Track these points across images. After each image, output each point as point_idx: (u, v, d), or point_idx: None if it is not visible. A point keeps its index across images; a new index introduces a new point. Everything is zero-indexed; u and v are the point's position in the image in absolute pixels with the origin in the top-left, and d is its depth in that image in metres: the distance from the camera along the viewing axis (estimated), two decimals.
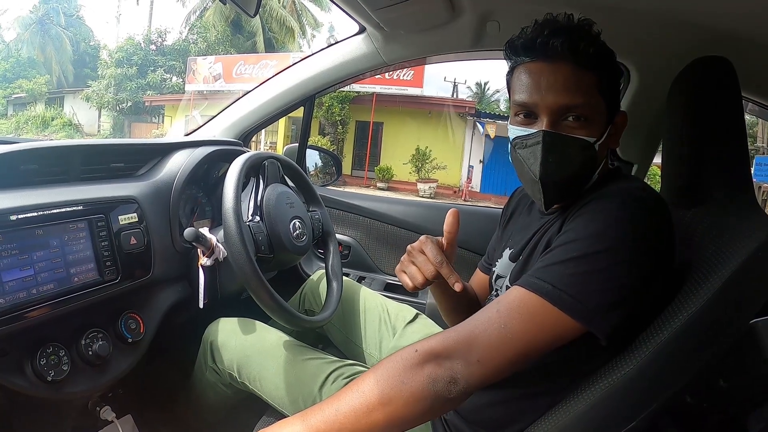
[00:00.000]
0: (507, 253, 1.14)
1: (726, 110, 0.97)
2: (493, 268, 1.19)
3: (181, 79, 25.31)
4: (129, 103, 25.97)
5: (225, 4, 1.09)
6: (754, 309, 0.85)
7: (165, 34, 29.25)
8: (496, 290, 1.15)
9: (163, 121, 25.27)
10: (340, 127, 19.61)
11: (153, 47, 28.46)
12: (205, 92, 20.68)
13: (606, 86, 0.93)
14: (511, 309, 0.82)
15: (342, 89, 15.94)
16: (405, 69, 16.37)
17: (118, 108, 26.32)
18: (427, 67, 16.77)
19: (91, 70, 31.81)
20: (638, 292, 0.81)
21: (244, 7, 1.10)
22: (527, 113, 0.95)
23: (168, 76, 27.21)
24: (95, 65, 31.58)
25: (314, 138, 17.26)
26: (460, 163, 19.01)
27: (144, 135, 24.70)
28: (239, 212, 1.17)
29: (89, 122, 27.69)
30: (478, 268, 1.38)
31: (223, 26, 26.08)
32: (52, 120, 25.95)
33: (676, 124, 1.04)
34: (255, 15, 1.16)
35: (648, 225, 0.83)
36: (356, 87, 17.84)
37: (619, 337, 0.82)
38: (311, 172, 2.14)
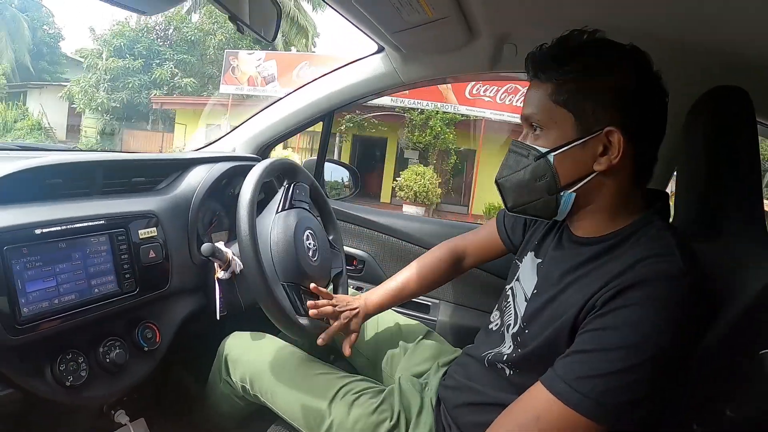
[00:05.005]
0: (532, 260, 1.15)
1: (741, 142, 0.98)
2: (518, 266, 1.21)
3: (194, 79, 21.28)
4: (116, 104, 20.54)
5: (243, 33, 1.10)
6: (760, 347, 0.86)
7: (176, 20, 22.15)
8: (511, 295, 1.17)
9: (173, 130, 20.36)
10: (454, 157, 16.25)
11: (153, 36, 22.15)
12: (245, 96, 16.70)
13: (566, 95, 0.94)
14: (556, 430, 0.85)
15: (447, 111, 14.76)
16: (518, 93, 13.58)
17: (109, 109, 20.64)
18: None
19: (48, 63, 27.44)
20: (672, 377, 0.84)
21: (262, 34, 1.13)
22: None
23: (177, 71, 21.33)
24: (54, 57, 27.67)
25: (416, 168, 15.32)
26: None
27: (143, 146, 20.11)
28: (254, 229, 1.19)
29: (58, 125, 23.10)
30: (496, 229, 1.41)
31: None
32: (15, 122, 21.25)
33: (692, 155, 1.05)
34: (273, 40, 1.19)
35: (687, 321, 0.84)
36: (462, 110, 14.78)
37: None
38: (336, 186, 2.18)
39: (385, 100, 14.59)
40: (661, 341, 0.81)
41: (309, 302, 1.29)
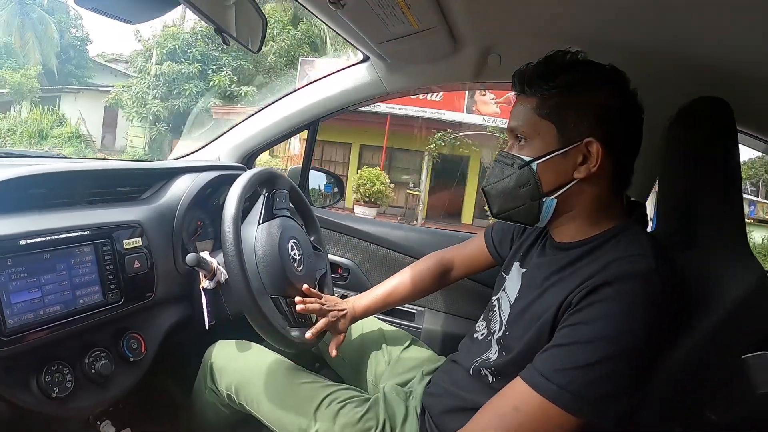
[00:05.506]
0: (517, 270, 1.18)
1: (722, 152, 0.99)
2: (504, 278, 1.24)
3: (254, 87, 18.24)
4: (168, 113, 18.11)
5: (228, 44, 1.10)
6: (742, 352, 0.88)
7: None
8: (497, 304, 1.20)
9: None
10: None
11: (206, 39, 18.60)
12: None
13: (550, 109, 1.00)
14: (533, 422, 0.88)
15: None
16: None
17: (162, 118, 18.25)
18: None
19: (76, 67, 25.84)
20: (648, 372, 0.88)
21: (247, 45, 1.13)
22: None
23: (234, 78, 18.27)
24: (81, 61, 26.17)
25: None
26: None
27: None
28: (239, 244, 1.20)
29: (95, 133, 20.80)
30: (485, 242, 1.44)
31: (306, 23, 18.66)
32: (51, 129, 18.74)
33: (673, 165, 1.07)
34: (258, 52, 1.19)
35: (659, 318, 0.88)
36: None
37: None
38: (316, 194, 2.18)
39: (476, 119, 14.43)
40: (633, 335, 0.86)
41: (297, 298, 1.30)
